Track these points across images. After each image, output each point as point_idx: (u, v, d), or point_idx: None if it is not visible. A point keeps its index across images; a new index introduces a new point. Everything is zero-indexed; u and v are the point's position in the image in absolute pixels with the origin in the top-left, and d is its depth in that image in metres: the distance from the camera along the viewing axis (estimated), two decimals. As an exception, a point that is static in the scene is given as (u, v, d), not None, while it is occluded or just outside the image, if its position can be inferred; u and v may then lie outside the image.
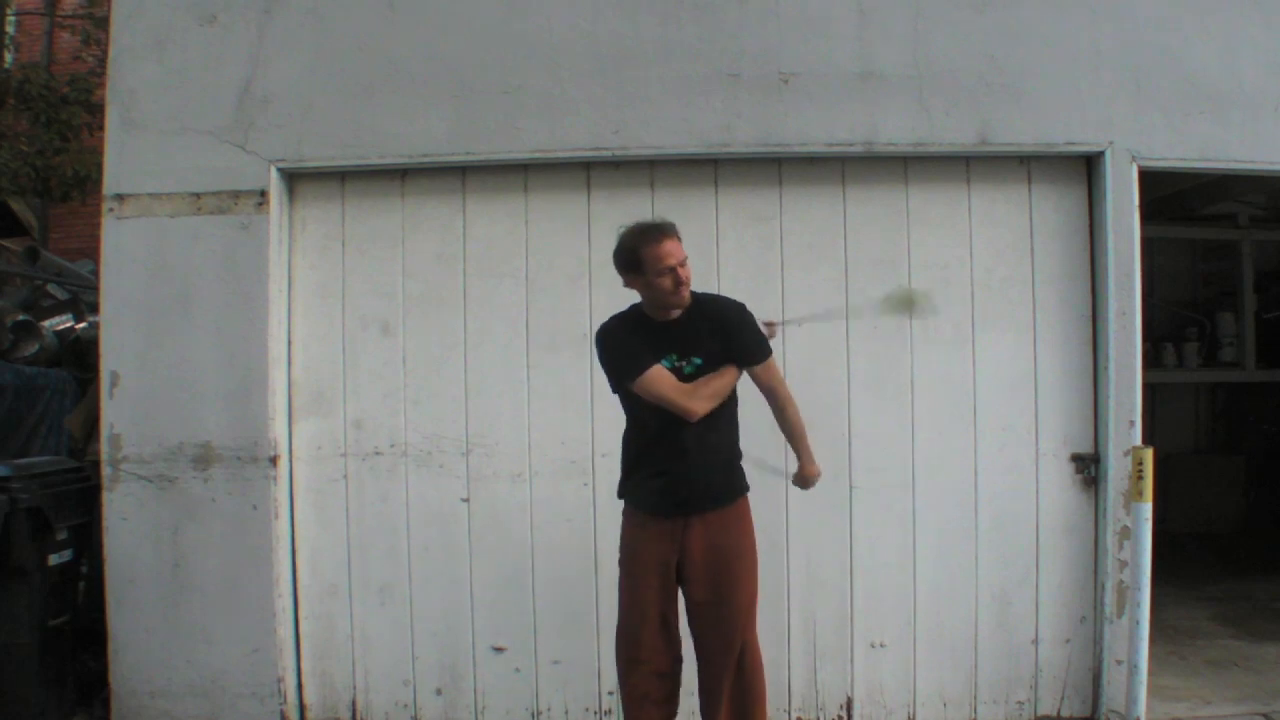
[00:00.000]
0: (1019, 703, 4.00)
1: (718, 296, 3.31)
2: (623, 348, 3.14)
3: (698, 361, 3.12)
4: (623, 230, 3.16)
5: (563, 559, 3.98)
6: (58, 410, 5.29)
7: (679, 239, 3.10)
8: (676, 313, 3.15)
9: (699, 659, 3.20)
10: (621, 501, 3.31)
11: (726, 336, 3.16)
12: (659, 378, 3.06)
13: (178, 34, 4.01)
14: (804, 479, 3.41)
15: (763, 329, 3.29)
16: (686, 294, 3.10)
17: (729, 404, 3.21)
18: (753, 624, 3.21)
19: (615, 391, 3.23)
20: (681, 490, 3.11)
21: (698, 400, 3.07)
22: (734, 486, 3.23)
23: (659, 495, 3.15)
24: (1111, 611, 3.88)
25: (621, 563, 3.26)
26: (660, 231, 3.07)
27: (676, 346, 3.12)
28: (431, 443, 4.04)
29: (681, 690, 3.27)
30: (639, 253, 3.06)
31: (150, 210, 3.98)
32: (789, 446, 3.39)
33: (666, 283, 3.05)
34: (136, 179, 3.98)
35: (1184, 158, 3.99)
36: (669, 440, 3.12)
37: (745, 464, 3.30)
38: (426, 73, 3.98)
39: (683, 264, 3.07)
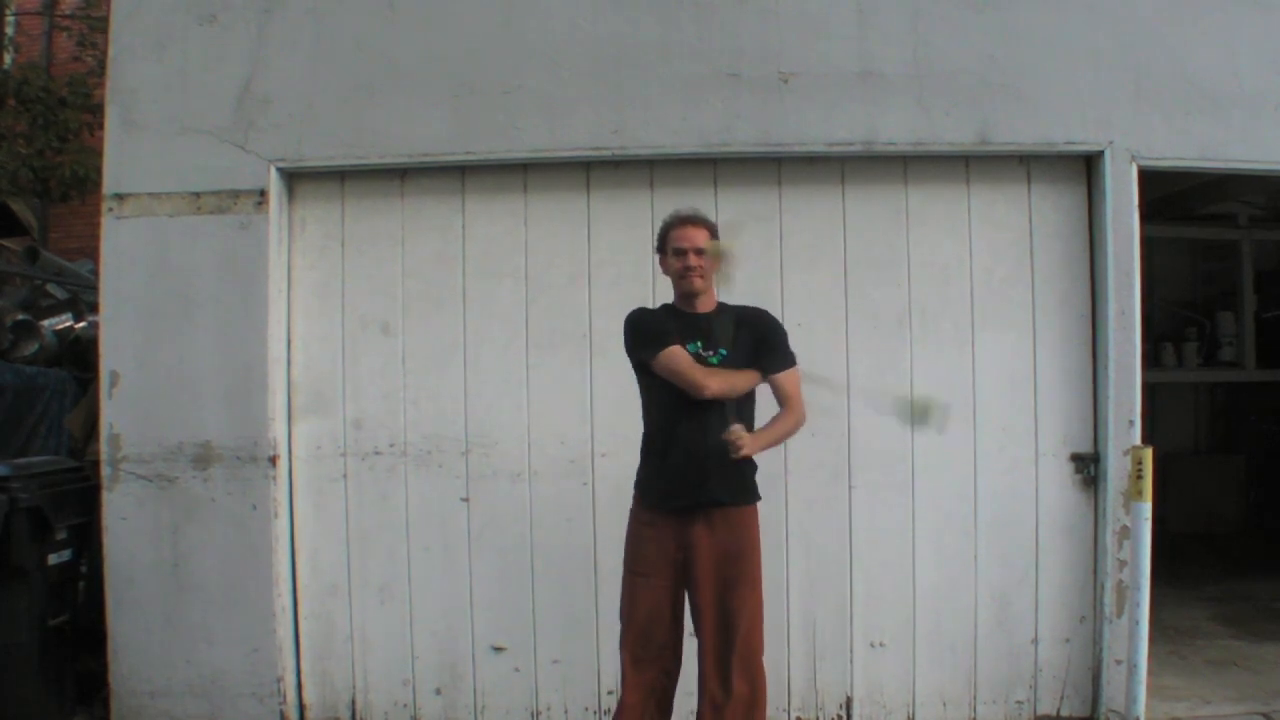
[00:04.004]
0: (1018, 702, 4.01)
1: (750, 305, 3.36)
2: (650, 325, 3.22)
3: (723, 353, 3.17)
4: None
5: (563, 559, 3.98)
6: (58, 410, 5.28)
7: (707, 230, 3.22)
8: (705, 308, 3.24)
9: (700, 660, 3.18)
10: (630, 499, 3.30)
11: (760, 338, 3.23)
12: (678, 353, 3.11)
13: (178, 34, 4.02)
14: (737, 437, 3.07)
15: (788, 338, 3.33)
16: (697, 282, 3.19)
17: (738, 408, 3.18)
18: (757, 631, 3.17)
19: (640, 375, 3.25)
20: (693, 484, 3.10)
21: (712, 378, 3.10)
22: (744, 490, 3.21)
23: (671, 488, 3.14)
24: (1111, 611, 3.88)
25: (627, 561, 3.24)
26: (686, 218, 3.23)
27: (703, 336, 3.18)
28: (431, 442, 4.04)
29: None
30: (666, 231, 3.24)
31: (150, 210, 3.98)
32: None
33: (676, 264, 3.19)
34: (136, 179, 3.99)
35: (1184, 157, 4.00)
36: (687, 430, 3.13)
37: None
38: (426, 73, 3.98)
39: (698, 252, 3.17)
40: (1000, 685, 4.01)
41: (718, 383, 3.10)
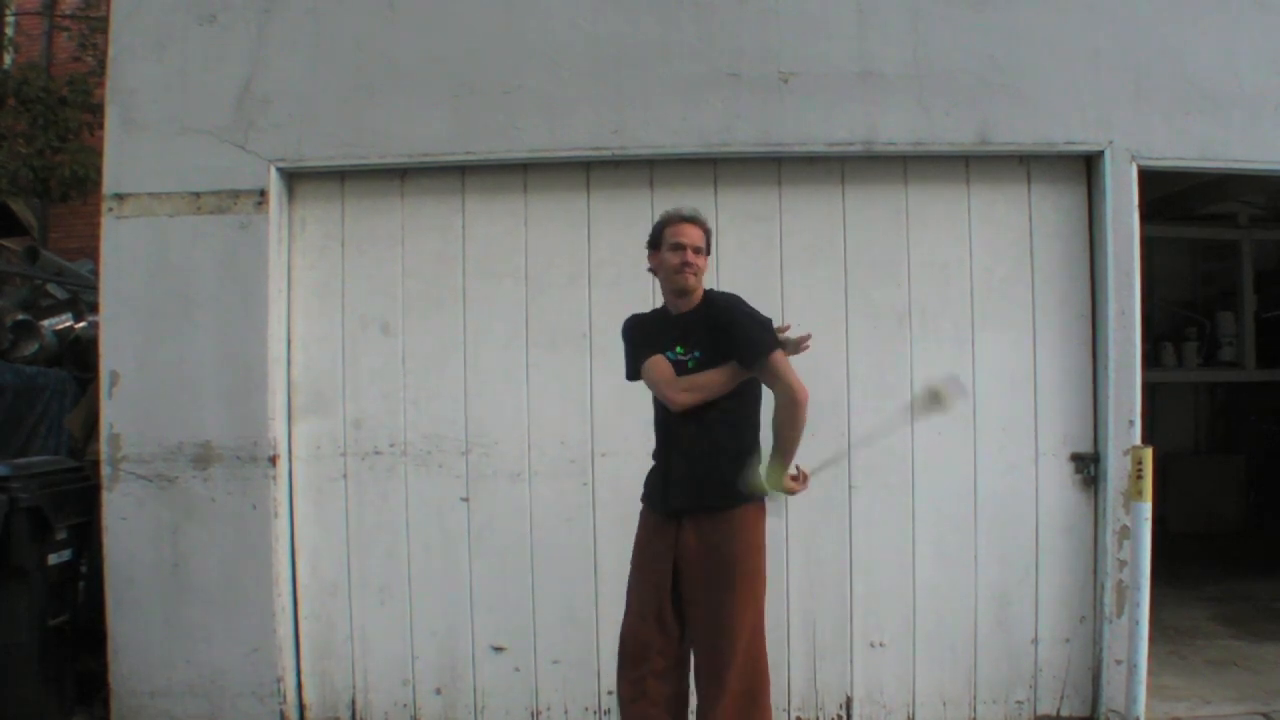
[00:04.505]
0: (1018, 702, 4.00)
1: (726, 294, 3.25)
2: (631, 339, 3.25)
3: (697, 355, 3.12)
4: None
5: (563, 559, 3.98)
6: (58, 410, 5.29)
7: (703, 230, 3.19)
8: (688, 306, 3.19)
9: (695, 661, 3.16)
10: (633, 499, 3.31)
11: (725, 332, 3.11)
12: (654, 366, 3.13)
13: (178, 34, 4.02)
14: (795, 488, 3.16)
15: (760, 327, 3.16)
16: (690, 279, 3.14)
17: (730, 406, 3.12)
18: (756, 632, 3.12)
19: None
20: (674, 489, 3.11)
21: (679, 391, 3.08)
22: (731, 492, 3.08)
23: (657, 491, 3.17)
24: (1111, 611, 3.88)
25: (632, 558, 3.26)
26: (685, 216, 3.20)
27: (683, 339, 3.15)
28: (431, 442, 4.04)
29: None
30: (661, 229, 3.20)
31: (150, 210, 3.98)
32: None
33: (674, 259, 3.13)
34: (136, 179, 3.99)
35: (1184, 157, 4.00)
36: (670, 436, 3.15)
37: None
38: (426, 73, 3.98)
39: (696, 250, 3.14)
40: (1000, 685, 4.01)
41: (687, 396, 3.07)
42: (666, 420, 3.16)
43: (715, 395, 3.09)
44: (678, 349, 3.13)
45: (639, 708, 3.12)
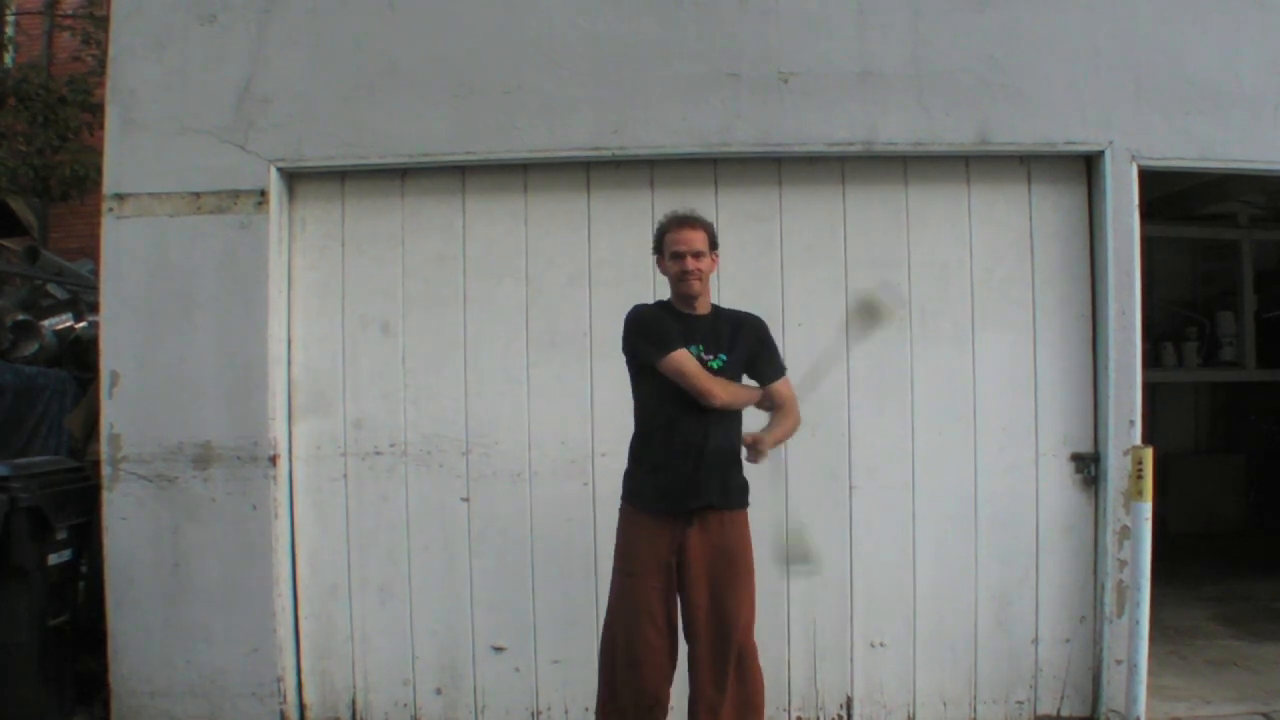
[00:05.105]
0: (1019, 702, 4.00)
1: (746, 311, 3.38)
2: (657, 325, 3.19)
3: (724, 358, 3.19)
4: None
5: (563, 559, 3.98)
6: (58, 410, 5.29)
7: (705, 233, 3.22)
8: (703, 310, 3.25)
9: (694, 662, 3.18)
10: (620, 502, 3.31)
11: (760, 346, 3.29)
12: (686, 357, 3.13)
13: (178, 34, 4.02)
14: (758, 441, 3.22)
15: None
16: (695, 285, 3.19)
17: (738, 417, 3.26)
18: (751, 628, 3.22)
19: (637, 375, 3.24)
20: (689, 486, 3.11)
21: (720, 386, 3.13)
22: (740, 494, 3.26)
23: (665, 491, 3.15)
24: (1111, 611, 3.88)
25: (619, 564, 3.25)
26: (684, 220, 3.22)
27: (703, 339, 3.19)
28: (431, 442, 4.04)
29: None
30: (663, 234, 3.24)
31: (150, 210, 3.98)
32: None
33: (674, 267, 3.19)
34: (136, 179, 3.99)
35: (1184, 157, 4.00)
36: (684, 434, 3.14)
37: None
38: (426, 73, 3.98)
39: (696, 256, 3.17)
40: (1000, 685, 4.01)
41: (726, 393, 3.14)
42: (686, 420, 3.13)
43: (737, 408, 3.22)
44: (699, 346, 3.17)
45: (649, 708, 3.14)
